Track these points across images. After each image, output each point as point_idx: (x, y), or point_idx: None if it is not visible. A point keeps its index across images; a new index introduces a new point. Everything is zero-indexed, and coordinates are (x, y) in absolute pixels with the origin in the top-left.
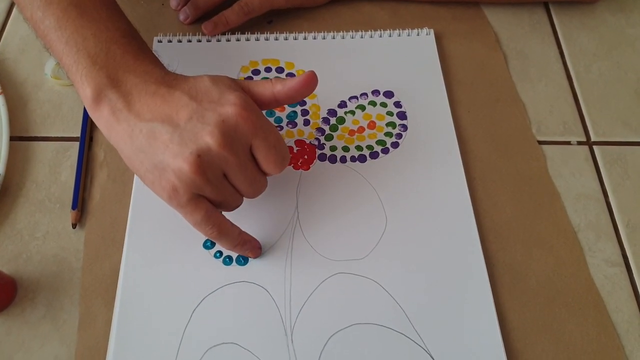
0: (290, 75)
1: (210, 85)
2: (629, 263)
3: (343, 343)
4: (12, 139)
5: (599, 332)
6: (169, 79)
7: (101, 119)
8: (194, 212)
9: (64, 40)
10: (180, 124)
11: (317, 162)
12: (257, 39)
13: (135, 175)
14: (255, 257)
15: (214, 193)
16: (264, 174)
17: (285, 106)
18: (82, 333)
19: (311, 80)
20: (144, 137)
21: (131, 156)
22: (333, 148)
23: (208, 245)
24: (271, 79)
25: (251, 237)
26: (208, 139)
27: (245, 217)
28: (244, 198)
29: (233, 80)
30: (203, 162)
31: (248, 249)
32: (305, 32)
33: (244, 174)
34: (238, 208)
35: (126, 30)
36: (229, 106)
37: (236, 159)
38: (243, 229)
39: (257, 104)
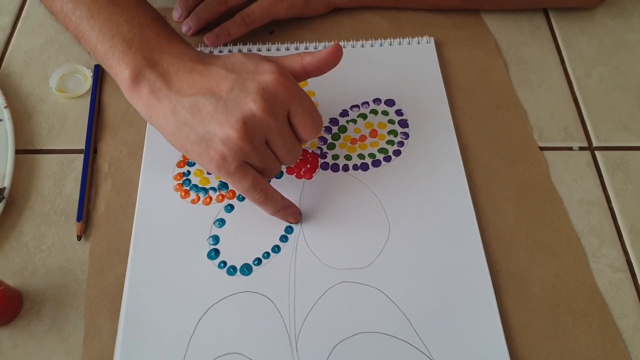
0: None
1: (243, 59)
2: (633, 268)
3: (348, 352)
4: (18, 152)
5: (604, 338)
6: (203, 57)
7: (141, 99)
8: (242, 179)
9: (97, 28)
10: (222, 95)
11: (319, 171)
12: (259, 50)
13: (139, 186)
14: (296, 223)
15: (259, 160)
16: (300, 141)
17: None
18: (88, 345)
19: (338, 51)
20: (187, 111)
21: (175, 132)
22: (335, 157)
23: (212, 255)
24: (300, 53)
25: (292, 203)
26: (252, 105)
27: (249, 225)
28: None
29: (263, 55)
30: (249, 128)
31: (290, 213)
32: (306, 42)
33: (284, 139)
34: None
35: (154, 14)
36: (267, 74)
37: (277, 124)
38: (247, 238)
39: None
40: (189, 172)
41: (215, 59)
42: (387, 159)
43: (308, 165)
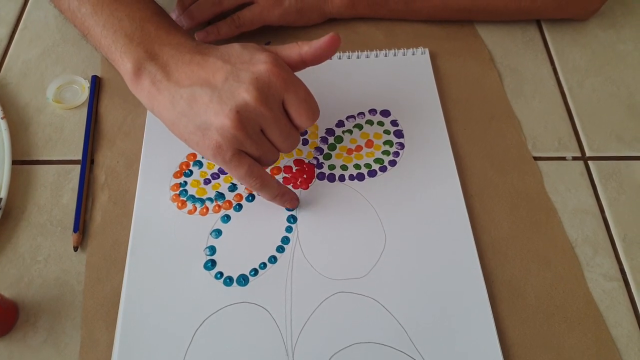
0: None
1: (240, 49)
2: (626, 277)
3: None
4: (14, 162)
5: (599, 347)
6: (201, 48)
7: (143, 91)
8: (238, 167)
9: (101, 24)
10: (217, 85)
11: (316, 181)
12: None
13: (136, 196)
14: (293, 208)
15: (254, 147)
16: (297, 129)
17: None
18: (84, 356)
19: (335, 41)
20: (184, 101)
21: (174, 121)
22: (331, 167)
23: (209, 266)
24: (297, 42)
25: (289, 190)
26: (245, 95)
27: (245, 236)
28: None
29: (261, 45)
30: (242, 117)
31: (287, 199)
32: None
33: (279, 128)
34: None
35: (155, 9)
36: (261, 64)
37: (271, 113)
38: (244, 248)
39: None
40: (185, 182)
41: (213, 50)
42: (383, 169)
43: (304, 176)
